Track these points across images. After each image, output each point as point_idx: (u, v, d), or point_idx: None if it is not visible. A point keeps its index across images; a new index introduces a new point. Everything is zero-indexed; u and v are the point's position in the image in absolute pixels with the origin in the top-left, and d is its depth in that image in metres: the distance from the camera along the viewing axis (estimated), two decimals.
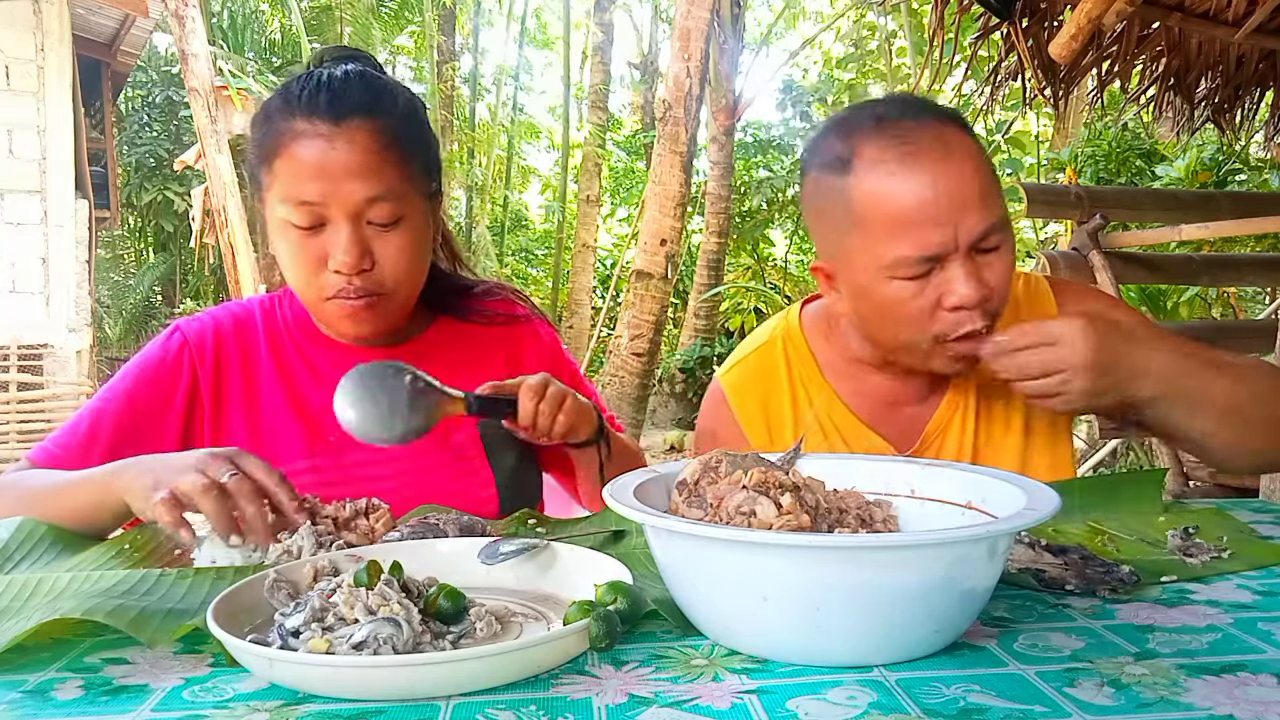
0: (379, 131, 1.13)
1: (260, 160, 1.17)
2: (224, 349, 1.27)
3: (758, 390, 1.31)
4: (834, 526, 0.78)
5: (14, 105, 8.03)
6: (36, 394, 7.98)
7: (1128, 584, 0.82)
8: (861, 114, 1.16)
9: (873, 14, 11.45)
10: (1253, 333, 4.45)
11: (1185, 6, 2.82)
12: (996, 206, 1.11)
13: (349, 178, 1.11)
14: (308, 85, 1.15)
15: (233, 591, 0.74)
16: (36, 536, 0.98)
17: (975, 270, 1.10)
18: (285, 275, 1.21)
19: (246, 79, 9.70)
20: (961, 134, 1.12)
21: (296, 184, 1.12)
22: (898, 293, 1.12)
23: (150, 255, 14.99)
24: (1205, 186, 5.80)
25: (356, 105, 1.13)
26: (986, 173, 1.12)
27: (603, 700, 0.62)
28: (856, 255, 1.14)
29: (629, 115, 17.44)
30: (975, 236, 1.09)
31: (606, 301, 12.98)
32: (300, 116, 1.12)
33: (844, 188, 1.13)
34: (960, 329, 1.11)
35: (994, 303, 1.12)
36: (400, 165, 1.15)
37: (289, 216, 1.13)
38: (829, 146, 1.16)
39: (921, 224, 1.08)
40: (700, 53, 8.27)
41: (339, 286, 1.15)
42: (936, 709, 0.60)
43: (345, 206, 1.12)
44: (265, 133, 1.16)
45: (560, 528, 1.06)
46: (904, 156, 1.09)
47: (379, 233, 1.15)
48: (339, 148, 1.11)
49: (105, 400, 1.22)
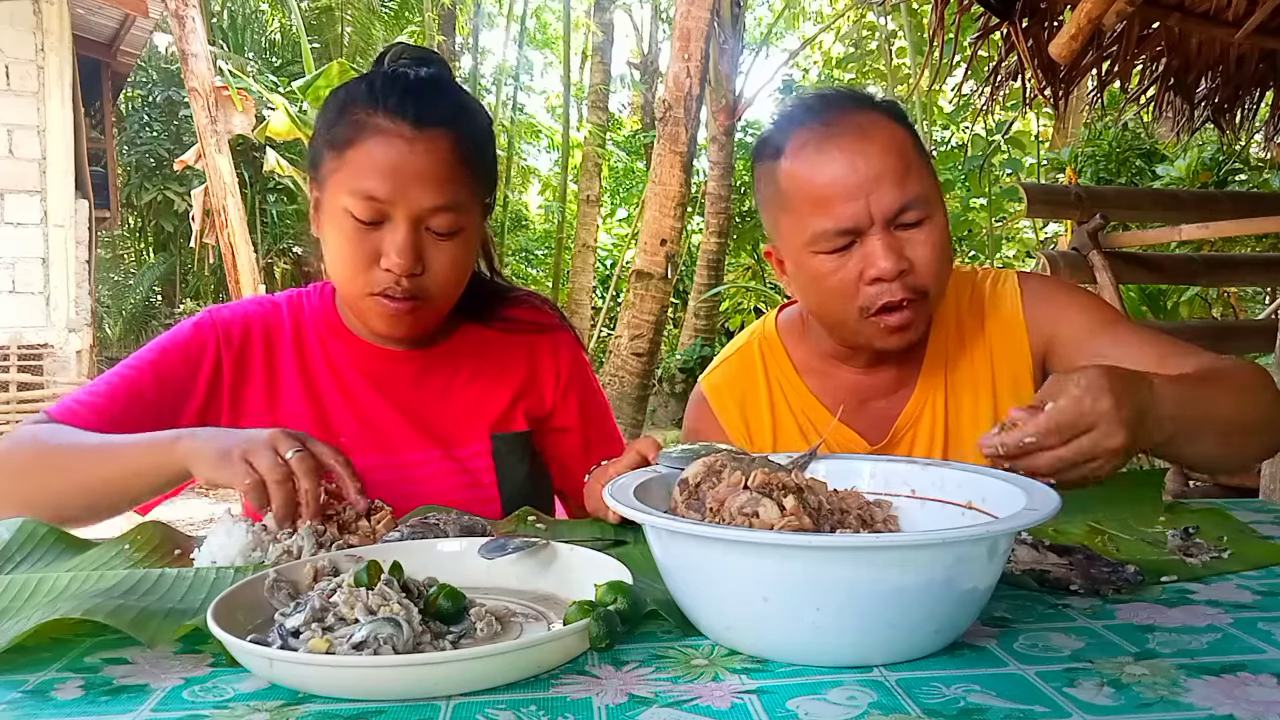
0: (456, 145, 1.16)
1: (329, 145, 1.17)
2: (250, 341, 1.28)
3: (736, 391, 1.38)
4: (835, 527, 0.78)
5: (14, 105, 8.04)
6: (36, 394, 7.98)
7: (1133, 584, 0.82)
8: (796, 106, 1.25)
9: (873, 14, 11.44)
10: (1253, 333, 4.45)
11: (1185, 6, 2.82)
12: (917, 184, 1.16)
13: (420, 183, 1.13)
14: (394, 84, 1.16)
15: (233, 591, 0.74)
16: (37, 537, 0.98)
17: (894, 244, 1.15)
18: (329, 263, 1.20)
19: (246, 79, 9.70)
20: (887, 121, 1.19)
21: (367, 178, 1.12)
22: (821, 266, 1.18)
23: (150, 255, 14.99)
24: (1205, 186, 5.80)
25: (441, 116, 1.15)
26: (909, 155, 1.18)
27: (603, 700, 0.62)
28: (787, 234, 1.22)
29: (629, 115, 17.45)
30: (890, 209, 1.14)
31: (606, 301, 12.99)
32: (383, 113, 1.13)
33: (775, 171, 1.21)
34: (879, 300, 1.16)
35: (916, 276, 1.16)
36: (468, 180, 1.18)
37: (351, 207, 1.13)
38: (768, 137, 1.25)
39: (836, 198, 1.15)
40: (700, 53, 8.27)
41: (385, 285, 1.15)
42: (936, 709, 0.60)
43: (410, 209, 1.13)
44: (340, 120, 1.16)
45: (561, 531, 1.06)
46: (823, 139, 1.17)
47: (434, 240, 1.16)
48: (418, 152, 1.12)
49: (130, 368, 1.23)
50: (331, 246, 1.18)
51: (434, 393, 1.30)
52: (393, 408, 1.28)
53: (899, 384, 1.31)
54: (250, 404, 1.27)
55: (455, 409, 1.30)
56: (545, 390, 1.35)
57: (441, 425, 1.29)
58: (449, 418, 1.30)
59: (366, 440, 1.26)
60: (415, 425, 1.28)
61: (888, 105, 1.23)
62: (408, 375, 1.30)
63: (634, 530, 1.03)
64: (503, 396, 1.32)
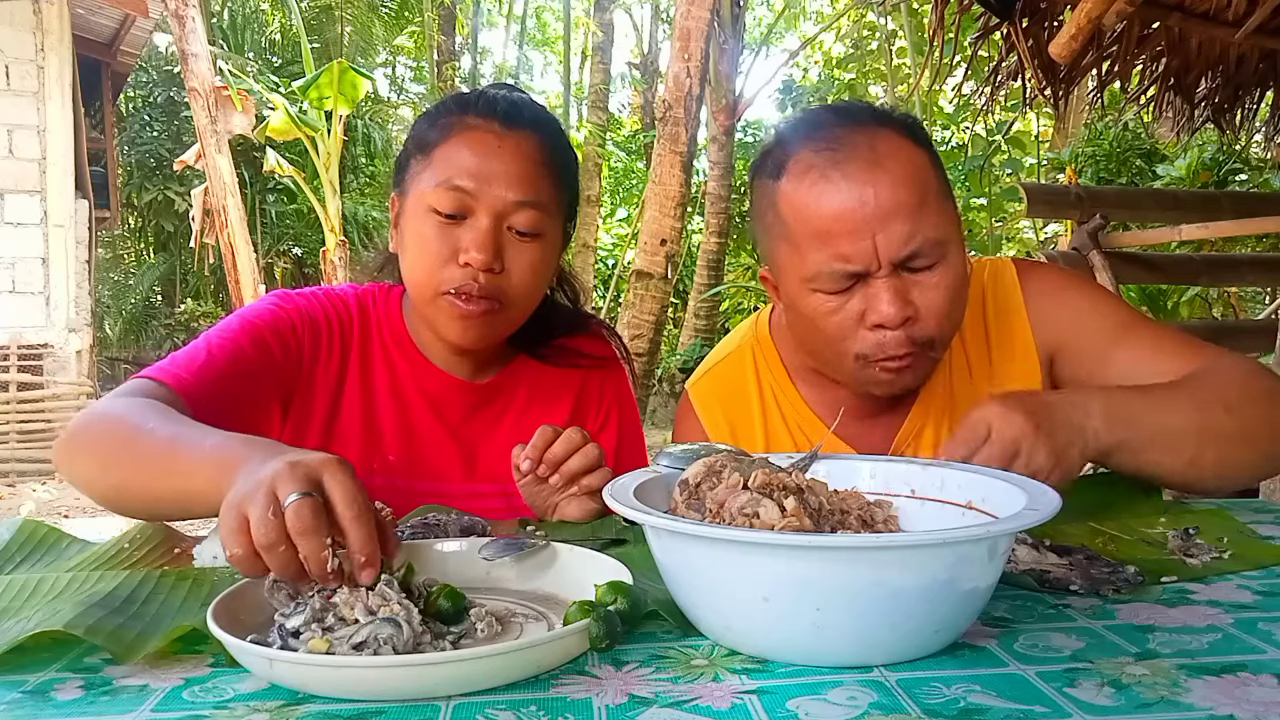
0: (542, 146, 1.18)
1: (418, 148, 1.19)
2: (327, 333, 1.24)
3: (723, 401, 1.30)
4: (836, 528, 0.78)
5: (14, 105, 8.04)
6: (36, 394, 7.98)
7: (1133, 584, 0.82)
8: (803, 120, 1.14)
9: (873, 14, 11.44)
10: (1253, 333, 4.46)
11: (1185, 6, 2.82)
12: (932, 224, 1.04)
13: (505, 178, 1.14)
14: (482, 95, 1.21)
15: (233, 591, 0.74)
16: (37, 537, 0.99)
17: (901, 289, 1.04)
18: (406, 265, 1.19)
19: (246, 79, 9.70)
20: (903, 142, 1.06)
21: (455, 169, 1.14)
22: (819, 306, 1.07)
23: (150, 255, 14.99)
24: (1205, 186, 5.81)
25: (529, 119, 1.19)
26: (925, 185, 1.05)
27: (603, 700, 0.62)
28: (784, 264, 1.10)
29: (629, 115, 17.44)
30: (899, 253, 1.02)
31: (607, 301, 12.98)
32: (474, 114, 1.17)
33: (775, 193, 1.09)
34: (883, 351, 1.06)
35: (922, 325, 1.06)
36: (552, 184, 1.19)
37: (435, 202, 1.14)
38: (769, 151, 1.13)
39: (839, 236, 1.03)
40: (700, 53, 8.28)
41: (462, 282, 1.13)
42: (937, 709, 0.60)
43: (493, 203, 1.14)
44: (431, 126, 1.19)
45: (561, 531, 1.06)
46: (828, 164, 1.04)
47: (516, 240, 1.16)
48: (505, 148, 1.15)
49: (222, 336, 1.16)
50: (412, 245, 1.17)
51: (486, 424, 1.29)
52: (447, 435, 1.27)
53: (899, 398, 1.20)
54: (318, 397, 1.23)
55: (503, 443, 1.25)
56: (586, 422, 1.32)
57: (488, 459, 1.27)
58: (496, 451, 1.26)
59: (414, 464, 1.25)
60: (464, 456, 1.27)
61: (906, 123, 1.10)
62: (464, 405, 1.28)
63: (634, 530, 1.02)
64: None
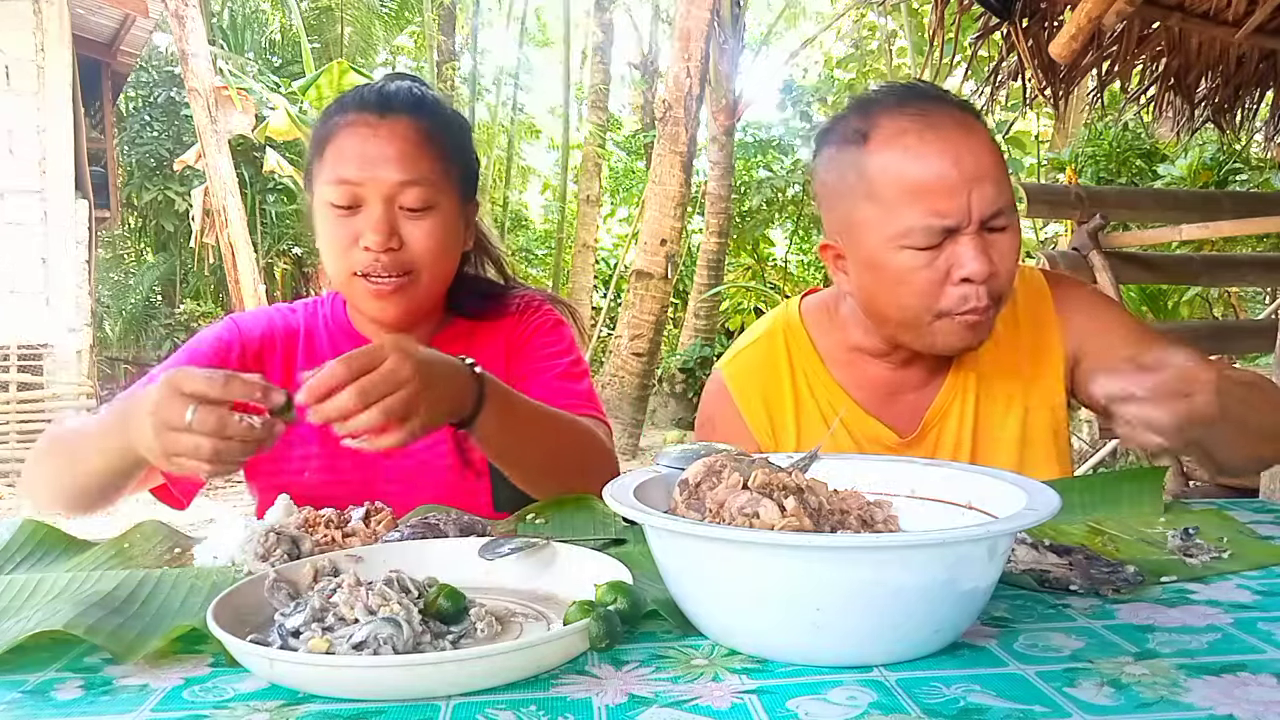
0: (418, 127, 1.24)
1: (314, 153, 1.27)
2: (268, 346, 1.34)
3: (758, 379, 1.33)
4: (836, 527, 0.78)
5: (14, 105, 8.04)
6: (36, 394, 7.98)
7: (1133, 584, 0.82)
8: (880, 94, 1.20)
9: (873, 14, 11.45)
10: (1253, 333, 4.46)
11: (1185, 6, 2.82)
12: (1008, 189, 1.14)
13: (386, 162, 1.21)
14: (363, 89, 1.30)
15: (233, 591, 0.74)
16: (37, 537, 0.99)
17: (984, 246, 1.12)
18: (322, 257, 1.27)
19: (246, 79, 9.71)
20: (977, 121, 1.16)
21: (340, 165, 1.22)
22: (908, 262, 1.13)
23: (150, 255, 14.97)
24: (1206, 186, 5.80)
25: (402, 104, 1.25)
26: (1000, 158, 1.15)
27: (603, 700, 0.62)
28: (869, 226, 1.16)
29: (629, 115, 17.44)
30: (988, 211, 1.11)
31: (607, 301, 12.98)
32: (352, 110, 1.25)
33: (860, 159, 1.16)
34: (965, 304, 1.13)
35: (1000, 282, 1.14)
36: (435, 160, 1.24)
37: (330, 197, 1.22)
38: (846, 123, 1.19)
39: (937, 192, 1.10)
40: (700, 53, 8.27)
41: (366, 264, 1.21)
42: (936, 709, 0.60)
43: (379, 187, 1.20)
44: (320, 128, 1.27)
45: (561, 531, 1.06)
46: (924, 129, 1.12)
47: (409, 217, 1.22)
48: (381, 135, 1.22)
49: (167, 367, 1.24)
50: (321, 238, 1.26)
51: None
52: None
53: (929, 378, 1.29)
54: None
55: None
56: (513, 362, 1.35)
57: None
58: None
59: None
60: None
61: (971, 107, 1.19)
62: None
63: (634, 530, 1.03)
64: None
